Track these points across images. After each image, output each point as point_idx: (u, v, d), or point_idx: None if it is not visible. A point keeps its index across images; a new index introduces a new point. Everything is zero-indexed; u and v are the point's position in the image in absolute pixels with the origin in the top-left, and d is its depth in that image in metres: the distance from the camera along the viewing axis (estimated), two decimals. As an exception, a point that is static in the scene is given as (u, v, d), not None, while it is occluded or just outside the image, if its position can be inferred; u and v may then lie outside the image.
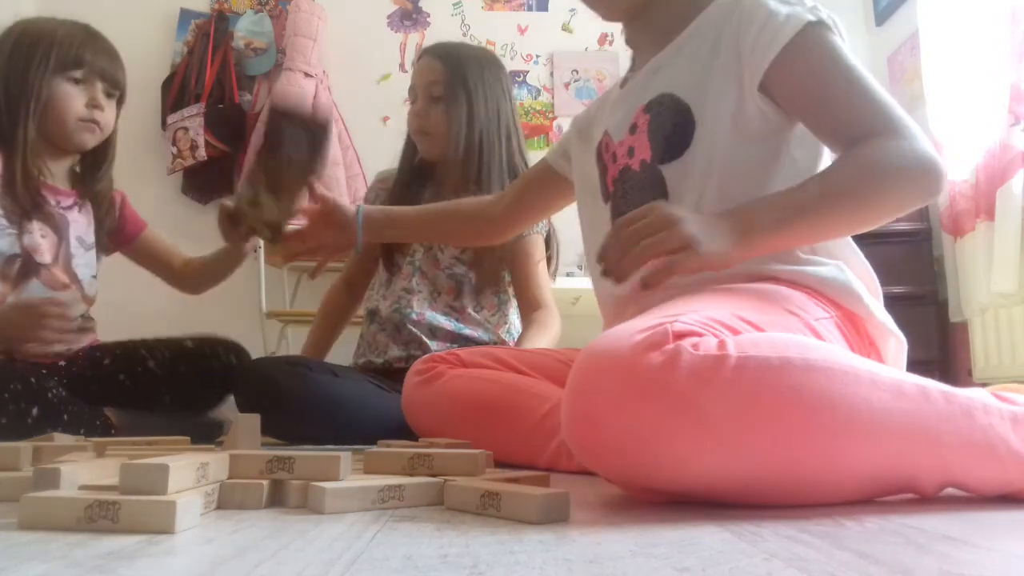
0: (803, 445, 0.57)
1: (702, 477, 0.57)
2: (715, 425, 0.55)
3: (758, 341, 0.59)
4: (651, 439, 0.56)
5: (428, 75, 1.53)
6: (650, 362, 0.56)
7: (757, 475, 0.58)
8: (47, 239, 1.32)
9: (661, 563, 0.40)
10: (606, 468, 0.62)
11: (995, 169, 2.17)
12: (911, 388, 0.61)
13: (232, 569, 0.38)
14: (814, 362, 0.58)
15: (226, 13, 3.10)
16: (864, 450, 0.59)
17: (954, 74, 2.45)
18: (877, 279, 0.89)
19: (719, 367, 0.55)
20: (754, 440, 0.56)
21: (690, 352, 0.56)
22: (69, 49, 1.29)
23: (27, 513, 0.48)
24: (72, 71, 1.29)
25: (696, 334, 0.58)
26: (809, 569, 0.39)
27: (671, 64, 0.91)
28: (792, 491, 0.59)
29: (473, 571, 0.38)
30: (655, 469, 0.58)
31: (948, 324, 2.53)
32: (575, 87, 3.19)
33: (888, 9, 3.07)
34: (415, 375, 1.10)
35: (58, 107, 1.29)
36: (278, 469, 0.60)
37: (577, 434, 0.61)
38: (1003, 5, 2.21)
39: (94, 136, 1.35)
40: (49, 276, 1.32)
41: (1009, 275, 2.06)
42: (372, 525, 0.51)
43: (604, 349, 0.59)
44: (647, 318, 0.62)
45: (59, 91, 1.29)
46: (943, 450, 0.61)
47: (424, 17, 3.25)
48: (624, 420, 0.57)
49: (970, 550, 0.45)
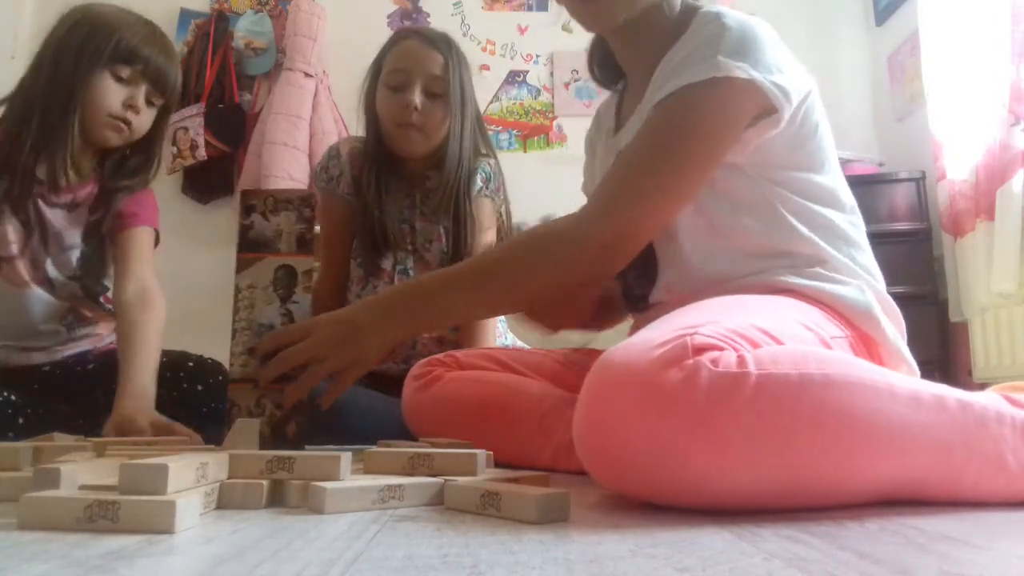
0: (821, 461, 0.56)
1: (719, 494, 0.56)
2: (734, 443, 0.54)
3: (777, 356, 0.58)
4: (668, 457, 0.55)
5: (428, 64, 1.44)
6: (669, 378, 0.55)
7: (773, 489, 0.57)
8: (16, 231, 1.24)
9: (661, 563, 0.40)
10: (618, 482, 0.61)
11: (995, 169, 2.17)
12: (928, 399, 0.61)
13: (232, 569, 0.38)
14: (833, 377, 0.57)
15: (226, 13, 3.10)
16: (881, 463, 0.58)
17: (954, 74, 2.44)
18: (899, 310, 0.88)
19: (739, 385, 0.54)
20: (773, 457, 0.55)
21: (710, 369, 0.55)
22: (127, 42, 1.23)
23: (27, 513, 0.48)
24: (120, 67, 1.23)
25: (716, 348, 0.57)
26: (809, 569, 0.39)
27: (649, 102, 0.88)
28: (804, 502, 0.59)
29: (473, 571, 0.38)
30: (671, 486, 0.57)
31: (948, 324, 2.53)
32: (575, 87, 3.19)
33: (888, 9, 3.06)
34: (413, 380, 1.09)
35: (94, 100, 1.22)
36: (278, 469, 0.60)
37: (590, 447, 0.60)
38: (1003, 5, 2.21)
39: (119, 136, 1.27)
40: (10, 270, 1.24)
41: (1009, 275, 2.06)
42: (372, 525, 0.51)
43: (622, 362, 0.58)
44: (665, 328, 0.61)
45: (100, 84, 1.22)
46: (954, 460, 0.61)
47: (424, 17, 3.25)
48: (641, 436, 0.56)
49: (970, 550, 0.45)
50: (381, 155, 1.49)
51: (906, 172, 2.69)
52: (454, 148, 1.47)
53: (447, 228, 1.50)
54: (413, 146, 1.46)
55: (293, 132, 2.87)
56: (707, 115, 0.80)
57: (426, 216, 1.51)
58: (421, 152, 1.48)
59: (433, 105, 1.44)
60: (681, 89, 0.79)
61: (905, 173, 2.68)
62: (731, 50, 0.78)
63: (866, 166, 2.81)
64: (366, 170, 1.48)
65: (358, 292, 1.50)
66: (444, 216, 1.50)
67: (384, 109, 1.46)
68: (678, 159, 0.80)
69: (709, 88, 0.78)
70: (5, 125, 1.24)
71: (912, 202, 2.64)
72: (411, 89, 1.42)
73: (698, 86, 0.78)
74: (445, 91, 1.44)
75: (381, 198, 1.46)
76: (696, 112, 0.80)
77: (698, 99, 0.79)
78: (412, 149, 1.47)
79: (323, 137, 2.95)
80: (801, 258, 0.84)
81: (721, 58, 0.78)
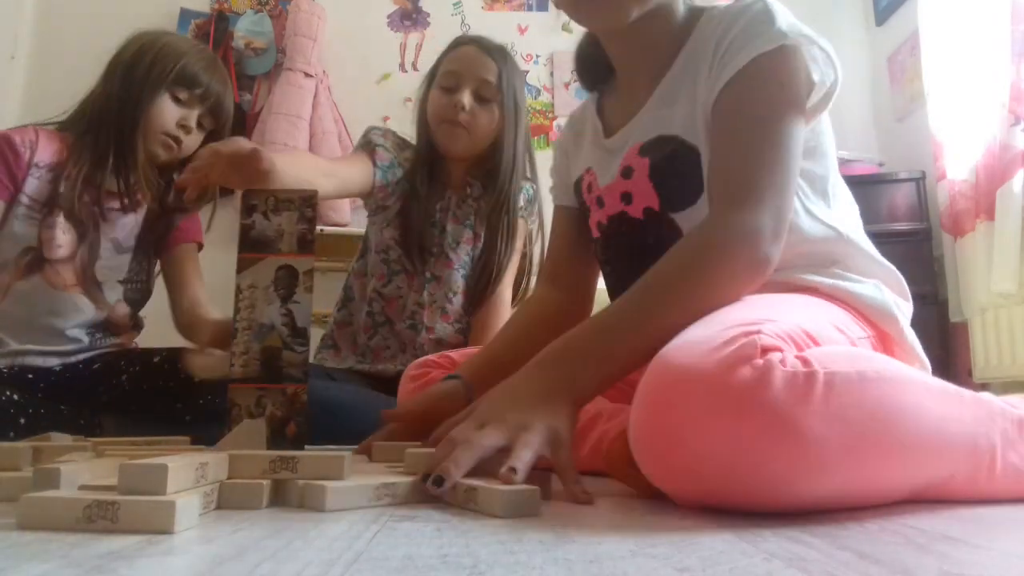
0: (883, 457, 0.56)
1: (792, 496, 0.54)
2: (814, 444, 0.52)
3: (832, 355, 0.57)
4: (745, 460, 0.52)
5: (482, 70, 1.47)
6: (741, 377, 0.52)
7: (839, 489, 0.55)
8: (68, 235, 1.30)
9: (661, 563, 0.40)
10: (685, 489, 0.57)
11: (995, 169, 2.17)
12: (954, 393, 0.61)
13: (232, 569, 0.38)
14: (884, 373, 0.57)
15: (226, 13, 3.10)
16: (928, 457, 0.59)
17: (954, 74, 2.45)
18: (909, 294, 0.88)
19: (812, 383, 0.53)
20: (845, 456, 0.54)
21: (781, 368, 0.53)
22: (190, 68, 1.32)
23: (26, 513, 0.48)
24: (180, 90, 1.32)
25: (778, 348, 0.55)
26: (809, 569, 0.39)
27: (666, 101, 0.87)
28: (866, 502, 0.58)
29: (473, 571, 0.38)
30: (748, 491, 0.54)
31: (948, 324, 2.53)
32: (575, 87, 3.19)
33: (888, 9, 3.07)
34: (409, 380, 1.09)
35: (152, 118, 1.31)
36: (281, 469, 0.60)
37: (653, 453, 0.57)
38: (1003, 5, 2.21)
39: (168, 153, 1.35)
40: (53, 273, 1.29)
41: (1009, 275, 2.06)
42: (372, 525, 0.51)
43: (685, 362, 0.55)
44: (722, 326, 0.58)
45: (160, 103, 1.31)
46: (978, 456, 0.61)
47: (424, 17, 3.25)
48: (714, 439, 0.53)
49: (970, 550, 0.45)
50: (428, 158, 1.52)
51: (906, 172, 2.69)
52: (508, 157, 1.50)
53: (476, 233, 1.53)
54: (457, 143, 1.48)
55: (293, 132, 2.87)
56: (795, 77, 0.78)
57: (458, 219, 1.54)
58: (464, 151, 1.50)
59: (482, 109, 1.47)
60: (753, 61, 0.77)
61: (905, 173, 2.69)
62: (786, 22, 0.78)
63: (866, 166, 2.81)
64: (414, 172, 1.51)
65: (377, 287, 1.51)
66: (480, 224, 1.53)
67: (434, 108, 1.49)
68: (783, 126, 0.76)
69: (780, 55, 0.77)
70: (77, 137, 1.32)
71: (912, 202, 2.64)
72: (461, 91, 1.46)
73: (771, 55, 0.77)
74: (495, 98, 1.47)
75: (421, 201, 1.49)
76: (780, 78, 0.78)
77: (775, 67, 0.77)
78: (456, 146, 1.49)
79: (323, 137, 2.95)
80: (817, 256, 0.83)
81: (782, 27, 0.77)
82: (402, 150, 1.54)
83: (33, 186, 1.28)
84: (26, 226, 1.27)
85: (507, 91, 1.48)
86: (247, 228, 0.90)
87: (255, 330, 0.88)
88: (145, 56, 1.31)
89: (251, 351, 0.88)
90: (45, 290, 1.28)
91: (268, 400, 0.86)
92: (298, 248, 0.90)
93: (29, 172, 1.28)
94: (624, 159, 0.90)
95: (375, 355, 1.52)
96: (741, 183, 0.74)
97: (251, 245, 0.90)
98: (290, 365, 0.88)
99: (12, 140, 1.27)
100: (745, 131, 0.76)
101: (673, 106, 0.86)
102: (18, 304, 1.27)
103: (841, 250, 0.85)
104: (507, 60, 1.51)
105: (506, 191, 1.51)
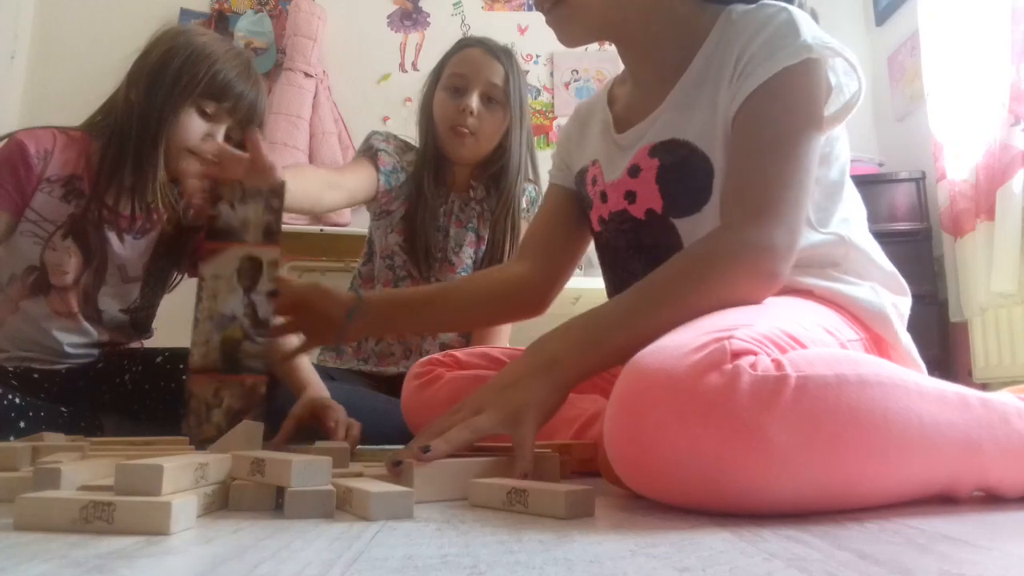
0: (860, 462, 0.56)
1: (763, 501, 0.55)
2: (779, 448, 0.53)
3: (811, 358, 0.57)
4: (712, 465, 0.53)
5: (489, 73, 1.46)
6: (710, 383, 0.53)
7: (815, 493, 0.55)
8: (74, 258, 1.25)
9: (661, 563, 0.40)
10: (655, 491, 0.59)
11: (995, 169, 2.17)
12: (953, 397, 0.61)
13: (232, 569, 0.38)
14: (867, 377, 0.57)
15: (226, 13, 3.10)
16: (915, 462, 0.58)
17: (954, 74, 2.45)
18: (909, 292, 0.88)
19: (781, 388, 0.53)
20: (815, 461, 0.54)
21: (750, 373, 0.53)
22: (223, 77, 1.21)
23: (22, 514, 0.48)
24: (207, 103, 1.21)
25: (751, 352, 0.56)
26: (809, 569, 0.39)
27: (683, 105, 0.86)
28: (844, 506, 0.58)
29: (473, 571, 0.38)
30: (713, 494, 0.55)
31: (948, 324, 2.53)
32: (575, 87, 3.19)
33: (888, 9, 3.07)
34: (413, 379, 1.09)
35: (176, 133, 1.21)
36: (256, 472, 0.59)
37: (624, 456, 0.58)
38: (1003, 5, 2.21)
39: (200, 164, 1.24)
40: (58, 300, 1.25)
41: (1009, 275, 2.06)
42: (372, 525, 0.51)
43: (657, 367, 0.56)
44: (696, 332, 0.59)
45: (184, 118, 1.21)
46: (983, 457, 0.61)
47: (424, 17, 3.25)
48: (681, 444, 0.54)
49: (970, 550, 0.45)
50: (433, 161, 1.51)
51: (906, 172, 2.69)
52: (515, 159, 1.50)
53: (480, 236, 1.53)
54: (465, 150, 1.48)
55: (293, 132, 2.87)
56: (816, 92, 0.79)
57: (460, 222, 1.54)
58: (471, 157, 1.50)
59: (489, 112, 1.46)
60: (777, 75, 0.77)
61: (905, 173, 2.69)
62: (811, 34, 0.78)
63: (866, 166, 2.81)
64: (419, 175, 1.50)
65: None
66: (483, 226, 1.53)
67: (441, 111, 1.48)
68: (803, 142, 0.76)
69: (804, 69, 0.77)
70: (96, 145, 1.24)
71: (912, 202, 2.64)
72: (469, 94, 1.45)
73: (795, 69, 0.76)
74: (502, 100, 1.47)
75: (426, 205, 1.48)
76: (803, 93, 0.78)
77: (799, 81, 0.77)
78: (464, 153, 1.49)
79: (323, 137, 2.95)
80: (815, 259, 0.83)
81: (807, 40, 0.77)
82: (404, 153, 1.54)
83: (42, 201, 1.22)
84: (31, 244, 1.23)
85: (514, 93, 1.47)
86: (213, 218, 0.90)
87: (216, 320, 0.87)
88: (172, 62, 1.20)
89: (211, 341, 0.87)
90: (48, 315, 1.26)
91: (226, 392, 0.85)
92: (263, 239, 0.89)
93: (39, 187, 1.22)
94: (633, 157, 0.89)
95: (380, 359, 1.52)
96: (758, 197, 0.75)
97: (215, 234, 0.89)
98: (250, 356, 0.87)
99: (26, 152, 1.20)
100: (765, 145, 0.77)
101: (690, 111, 0.85)
102: (24, 322, 1.25)
103: (840, 252, 0.84)
104: (513, 62, 1.50)
105: (514, 189, 1.51)
